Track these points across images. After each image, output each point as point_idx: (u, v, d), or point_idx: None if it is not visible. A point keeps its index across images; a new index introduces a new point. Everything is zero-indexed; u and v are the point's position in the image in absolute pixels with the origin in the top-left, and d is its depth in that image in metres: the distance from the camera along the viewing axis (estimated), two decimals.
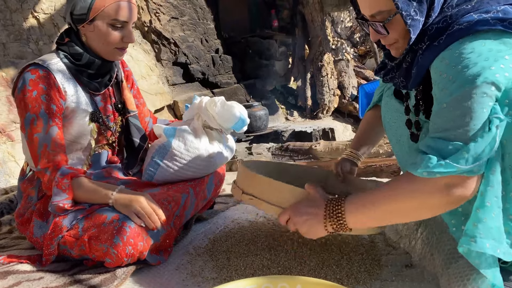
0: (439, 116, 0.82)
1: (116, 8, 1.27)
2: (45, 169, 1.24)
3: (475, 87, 0.76)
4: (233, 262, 1.21)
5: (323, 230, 0.97)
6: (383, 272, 1.12)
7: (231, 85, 4.48)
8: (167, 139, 1.48)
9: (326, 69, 5.18)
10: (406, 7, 0.86)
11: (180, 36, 3.99)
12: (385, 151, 2.50)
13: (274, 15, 5.42)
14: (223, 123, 1.55)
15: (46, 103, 1.26)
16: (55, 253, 1.22)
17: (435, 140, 0.81)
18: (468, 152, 0.76)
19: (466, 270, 0.89)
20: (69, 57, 1.33)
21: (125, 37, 1.32)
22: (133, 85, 1.61)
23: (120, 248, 1.15)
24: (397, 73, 1.00)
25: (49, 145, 1.25)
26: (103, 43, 1.31)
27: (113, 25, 1.29)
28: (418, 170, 0.80)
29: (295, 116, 5.26)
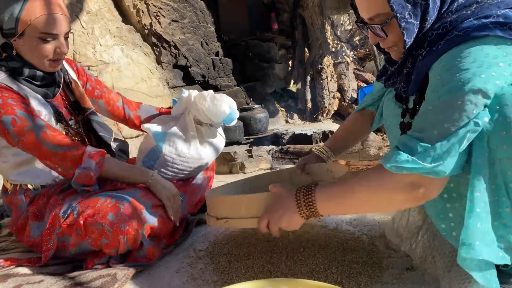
0: (423, 116, 0.83)
1: (44, 21, 1.23)
2: (64, 147, 1.23)
3: (462, 95, 0.76)
4: (234, 265, 1.21)
5: (300, 217, 1.00)
6: (384, 275, 1.11)
7: (231, 87, 4.48)
8: (156, 144, 1.47)
9: (326, 72, 5.19)
10: (401, 10, 0.87)
11: (180, 39, 4.00)
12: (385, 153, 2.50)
13: (274, 18, 5.44)
14: (214, 118, 1.54)
15: (16, 104, 1.24)
16: (53, 248, 1.22)
17: (411, 138, 0.83)
18: (434, 151, 0.78)
19: (467, 273, 0.89)
20: (10, 71, 1.30)
21: (57, 49, 1.29)
22: (89, 79, 1.58)
23: (115, 226, 1.16)
24: (398, 78, 1.00)
25: (48, 130, 1.24)
26: (36, 56, 1.28)
27: (43, 39, 1.25)
28: (387, 165, 0.83)
29: (295, 118, 5.27)
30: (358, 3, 0.96)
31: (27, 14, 1.22)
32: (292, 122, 5.19)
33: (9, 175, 1.37)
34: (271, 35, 5.28)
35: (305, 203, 0.98)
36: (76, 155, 1.24)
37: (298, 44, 5.50)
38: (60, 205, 1.24)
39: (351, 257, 1.21)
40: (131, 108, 1.67)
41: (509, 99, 0.77)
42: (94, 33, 3.12)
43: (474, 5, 0.87)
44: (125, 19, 3.57)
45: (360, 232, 1.42)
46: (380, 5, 0.90)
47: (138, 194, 1.28)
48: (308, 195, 0.98)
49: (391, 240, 1.29)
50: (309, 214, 0.99)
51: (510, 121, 0.76)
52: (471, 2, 0.87)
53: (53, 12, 1.25)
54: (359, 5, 0.96)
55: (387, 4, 0.88)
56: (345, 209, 1.01)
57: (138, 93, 3.36)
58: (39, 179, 1.36)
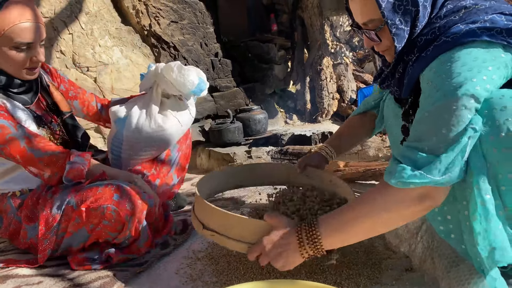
0: (420, 123, 0.83)
1: (17, 31, 1.21)
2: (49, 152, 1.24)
3: (456, 99, 0.77)
4: (233, 266, 1.21)
5: (300, 257, 0.93)
6: (383, 276, 1.11)
7: (230, 88, 4.48)
8: (117, 130, 1.49)
9: (325, 73, 5.19)
10: (392, 16, 0.89)
11: (179, 40, 4.00)
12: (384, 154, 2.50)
13: (273, 19, 5.43)
14: (182, 88, 1.51)
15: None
16: (50, 247, 1.22)
17: (411, 149, 0.82)
18: (440, 163, 0.77)
19: (467, 274, 0.89)
20: None
21: (33, 58, 1.28)
22: (62, 81, 1.58)
23: (120, 205, 1.18)
24: (392, 81, 1.02)
25: (31, 136, 1.25)
26: (11, 65, 1.27)
27: (18, 47, 1.24)
28: (392, 181, 0.81)
29: (294, 119, 5.26)
30: (352, 8, 0.98)
31: (0, 24, 1.19)
32: (291, 123, 5.19)
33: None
34: (271, 36, 5.27)
35: (308, 241, 0.91)
36: (62, 158, 1.25)
37: (298, 45, 5.50)
38: (50, 203, 1.24)
39: (350, 258, 1.21)
40: (105, 106, 1.66)
41: (497, 103, 0.78)
42: (93, 34, 3.12)
43: (462, 10, 0.88)
44: (124, 20, 3.57)
45: None
46: (373, 11, 0.92)
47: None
48: (311, 231, 0.91)
49: (390, 241, 1.29)
50: (312, 253, 0.92)
51: (499, 124, 0.77)
52: (459, 8, 0.89)
53: (27, 20, 1.22)
54: (353, 10, 0.98)
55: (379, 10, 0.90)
56: (355, 237, 0.92)
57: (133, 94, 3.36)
58: (26, 184, 1.36)
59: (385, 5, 0.89)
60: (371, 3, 0.91)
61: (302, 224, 0.94)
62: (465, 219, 0.85)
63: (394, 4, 0.89)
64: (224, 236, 1.02)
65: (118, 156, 1.51)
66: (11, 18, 1.20)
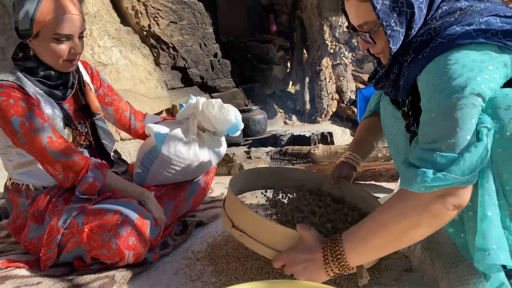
0: (428, 126, 0.82)
1: (58, 22, 1.23)
2: (67, 156, 1.24)
3: (464, 98, 0.77)
4: (233, 266, 1.21)
5: (325, 275, 0.91)
6: (383, 276, 1.11)
7: (229, 89, 4.48)
8: (156, 144, 1.48)
9: (325, 73, 5.20)
10: (387, 18, 0.89)
11: (179, 40, 4.00)
12: (383, 155, 2.50)
13: (272, 19, 5.44)
14: (219, 126, 1.55)
15: (27, 106, 1.24)
16: (53, 257, 1.21)
17: (427, 151, 0.80)
18: (464, 162, 0.76)
19: (467, 275, 0.89)
20: (25, 71, 1.31)
21: (72, 49, 1.30)
22: (102, 84, 1.59)
23: (123, 239, 1.16)
24: (386, 82, 1.02)
25: (54, 136, 1.25)
26: (51, 57, 1.29)
27: (57, 39, 1.26)
28: (416, 186, 0.79)
29: (293, 120, 5.27)
30: (348, 11, 0.98)
31: (41, 15, 1.22)
32: (290, 124, 5.19)
33: (12, 174, 1.38)
34: (270, 36, 5.28)
35: (333, 257, 0.89)
36: (79, 165, 1.24)
37: (297, 46, 5.51)
38: (59, 214, 1.24)
39: None
40: (137, 119, 1.69)
41: (501, 102, 0.78)
42: (93, 34, 3.12)
43: (458, 12, 0.88)
44: (123, 21, 3.56)
45: None
46: (368, 13, 0.92)
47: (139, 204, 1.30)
48: (335, 247, 0.89)
49: None
50: (338, 271, 0.90)
51: (504, 124, 0.77)
52: (455, 9, 0.89)
53: (67, 12, 1.25)
54: (349, 12, 0.98)
55: (374, 12, 0.90)
56: (381, 250, 0.89)
57: (137, 95, 3.36)
58: (41, 181, 1.36)
59: (380, 7, 0.89)
60: (366, 6, 0.91)
61: (328, 241, 0.92)
62: (469, 219, 0.85)
63: (390, 6, 0.89)
64: (253, 239, 1.00)
65: (147, 169, 1.50)
66: (52, 9, 1.22)
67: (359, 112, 4.85)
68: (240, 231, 1.03)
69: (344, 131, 5.05)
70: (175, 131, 1.52)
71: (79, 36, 1.31)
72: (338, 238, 0.90)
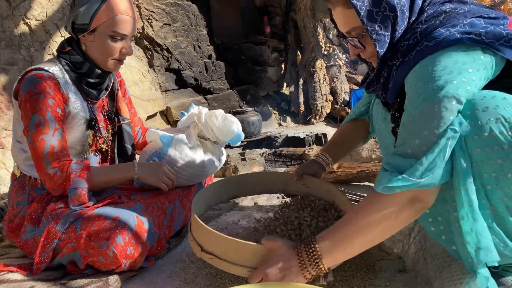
0: (404, 128, 0.86)
1: (117, 21, 1.29)
2: (55, 169, 1.24)
3: (437, 102, 0.79)
4: None
5: (303, 279, 0.92)
6: (377, 277, 1.12)
7: (224, 91, 4.48)
8: (162, 146, 1.49)
9: (319, 74, 5.21)
10: (371, 23, 0.93)
11: (172, 42, 3.99)
12: (377, 156, 2.51)
13: (266, 21, 5.45)
14: (221, 137, 1.58)
15: (52, 107, 1.27)
16: (46, 261, 1.21)
17: (395, 156, 0.85)
18: (421, 165, 0.79)
19: (459, 274, 0.90)
20: (70, 65, 1.34)
21: (123, 49, 1.35)
22: (125, 94, 1.63)
23: (120, 248, 1.15)
24: (377, 86, 1.04)
25: (56, 147, 1.26)
26: (102, 54, 1.33)
27: (113, 37, 1.31)
28: (380, 187, 0.84)
29: (288, 121, 5.27)
30: (336, 19, 1.02)
31: (104, 12, 1.28)
32: (285, 125, 5.20)
33: (22, 165, 1.37)
34: (264, 38, 5.29)
35: (310, 262, 0.90)
36: (62, 178, 1.25)
37: (291, 47, 5.52)
38: (57, 218, 1.23)
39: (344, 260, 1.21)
40: (143, 133, 1.74)
41: (479, 104, 0.80)
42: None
43: (442, 14, 0.91)
44: None
45: None
46: (353, 19, 0.96)
47: (139, 209, 1.28)
48: (311, 251, 0.91)
49: (384, 242, 1.30)
50: (315, 273, 0.91)
51: (482, 125, 0.79)
52: (439, 12, 0.92)
53: (127, 14, 1.32)
54: (337, 20, 1.01)
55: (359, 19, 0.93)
56: (355, 250, 0.92)
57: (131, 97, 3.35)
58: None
59: (364, 13, 0.92)
60: (351, 13, 0.95)
61: (301, 246, 0.93)
62: (455, 220, 0.86)
63: (372, 11, 0.92)
64: (223, 260, 0.99)
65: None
66: (114, 9, 1.29)
67: None
68: (210, 254, 1.02)
69: None
70: (181, 135, 1.54)
71: (131, 38, 1.37)
72: (313, 241, 0.91)
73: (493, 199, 0.82)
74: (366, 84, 1.10)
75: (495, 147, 0.78)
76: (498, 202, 0.82)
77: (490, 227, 0.83)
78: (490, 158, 0.79)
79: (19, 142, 1.36)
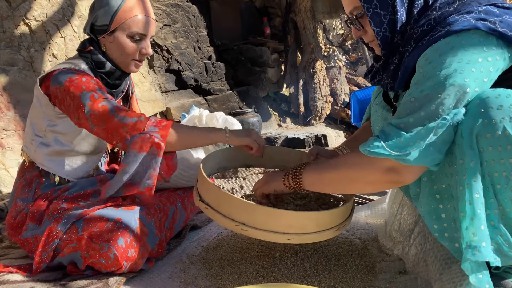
0: (404, 106, 0.87)
1: (136, 21, 1.31)
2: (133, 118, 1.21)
3: (442, 89, 0.81)
4: (227, 270, 1.21)
5: (282, 184, 1.11)
6: (377, 279, 1.12)
7: (224, 92, 4.48)
8: None
9: (318, 76, 5.21)
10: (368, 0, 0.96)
11: (172, 43, 3.99)
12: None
13: (266, 22, 5.45)
14: None
15: (97, 84, 1.27)
16: (46, 261, 1.20)
17: (389, 125, 0.88)
18: (401, 140, 0.83)
19: (459, 276, 0.90)
20: (92, 64, 1.35)
21: (142, 49, 1.36)
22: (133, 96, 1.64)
23: (122, 250, 1.15)
24: (384, 75, 1.04)
25: (120, 107, 1.24)
26: (122, 54, 1.34)
27: (132, 37, 1.33)
28: (362, 148, 0.90)
29: (288, 122, 5.27)
30: (343, 1, 1.06)
31: (123, 13, 1.29)
32: (285, 126, 5.20)
33: (43, 160, 1.35)
34: (264, 39, 5.29)
35: (292, 174, 1.08)
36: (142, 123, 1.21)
37: (291, 49, 5.52)
38: (59, 218, 1.23)
39: (344, 261, 1.21)
40: None
41: (493, 102, 0.79)
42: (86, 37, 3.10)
43: (456, 2, 0.91)
44: None
45: (353, 236, 1.43)
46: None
47: (141, 211, 1.28)
48: (297, 170, 1.08)
49: (384, 243, 1.30)
50: (293, 183, 1.08)
51: (495, 123, 0.78)
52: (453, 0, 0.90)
53: (146, 14, 1.34)
54: (343, 2, 1.06)
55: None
56: (326, 184, 1.05)
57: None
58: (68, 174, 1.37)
59: None
60: None
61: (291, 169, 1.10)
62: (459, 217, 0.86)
63: None
64: (216, 211, 1.09)
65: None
66: (135, 9, 1.31)
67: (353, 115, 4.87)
68: (206, 204, 1.12)
69: (338, 133, 5.06)
70: None
71: (149, 39, 1.38)
72: (302, 165, 1.09)
73: (501, 198, 0.82)
74: (371, 75, 1.10)
75: (508, 146, 0.78)
76: (507, 202, 0.81)
77: (497, 227, 0.83)
78: (502, 157, 0.79)
79: (38, 136, 1.34)
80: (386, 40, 0.98)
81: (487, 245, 0.80)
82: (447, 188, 0.91)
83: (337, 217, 1.10)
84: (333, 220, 1.09)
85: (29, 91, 2.60)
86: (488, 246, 0.81)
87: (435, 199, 0.94)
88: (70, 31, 2.94)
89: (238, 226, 1.05)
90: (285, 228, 1.02)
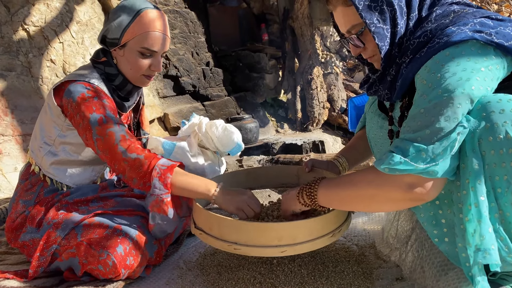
0: (415, 119, 0.86)
1: (148, 37, 1.29)
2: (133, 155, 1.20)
3: (453, 98, 0.80)
4: (224, 276, 1.20)
5: (297, 202, 1.08)
6: (374, 285, 1.12)
7: (221, 97, 4.49)
8: (164, 153, 1.49)
9: (316, 82, 5.23)
10: (370, 16, 0.94)
11: (171, 49, 4.01)
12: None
13: (264, 29, 5.48)
14: (221, 147, 1.60)
15: (109, 106, 1.27)
16: (44, 265, 1.20)
17: (403, 141, 0.86)
18: (426, 153, 0.81)
19: (456, 282, 0.90)
20: (104, 76, 1.35)
21: (152, 66, 1.35)
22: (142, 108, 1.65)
23: (120, 258, 1.15)
24: (381, 86, 1.05)
25: (127, 135, 1.24)
26: (131, 69, 1.34)
27: (143, 53, 1.31)
28: (381, 166, 0.86)
29: (285, 128, 5.29)
30: (336, 20, 1.04)
31: (134, 28, 1.28)
32: (282, 132, 5.21)
33: (49, 168, 1.35)
34: (261, 45, 5.31)
35: (307, 191, 1.05)
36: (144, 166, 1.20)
37: (288, 55, 5.55)
38: (59, 223, 1.23)
39: (342, 267, 1.21)
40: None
41: (495, 106, 0.80)
42: (84, 43, 3.11)
43: (452, 14, 0.92)
44: None
45: (350, 242, 1.43)
46: (353, 17, 0.98)
47: (140, 219, 1.28)
48: (311, 185, 1.05)
49: (381, 250, 1.30)
50: (308, 200, 1.05)
51: (497, 127, 0.79)
52: (448, 12, 0.93)
53: (159, 30, 1.31)
54: (338, 21, 1.04)
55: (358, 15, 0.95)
56: (342, 201, 1.02)
57: None
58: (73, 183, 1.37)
59: (362, 7, 0.94)
60: (351, 10, 0.98)
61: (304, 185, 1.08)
62: (460, 221, 0.86)
63: (370, 5, 0.95)
64: (208, 235, 1.09)
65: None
66: (145, 25, 1.29)
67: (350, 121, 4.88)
68: (200, 230, 1.12)
69: (335, 139, 5.08)
70: (183, 143, 1.55)
71: (161, 55, 1.37)
72: (317, 181, 1.06)
73: (502, 202, 0.82)
74: (367, 86, 1.10)
75: (510, 150, 0.79)
76: (507, 206, 0.82)
77: (497, 231, 0.83)
78: (504, 161, 0.80)
79: (47, 144, 1.34)
80: (387, 54, 0.98)
81: (495, 248, 0.81)
82: (447, 194, 0.91)
83: (329, 224, 1.08)
84: (326, 227, 1.07)
85: (27, 96, 2.60)
86: (496, 249, 0.81)
87: (435, 204, 0.94)
88: (68, 37, 2.94)
89: (230, 246, 1.03)
90: (276, 240, 1.01)
